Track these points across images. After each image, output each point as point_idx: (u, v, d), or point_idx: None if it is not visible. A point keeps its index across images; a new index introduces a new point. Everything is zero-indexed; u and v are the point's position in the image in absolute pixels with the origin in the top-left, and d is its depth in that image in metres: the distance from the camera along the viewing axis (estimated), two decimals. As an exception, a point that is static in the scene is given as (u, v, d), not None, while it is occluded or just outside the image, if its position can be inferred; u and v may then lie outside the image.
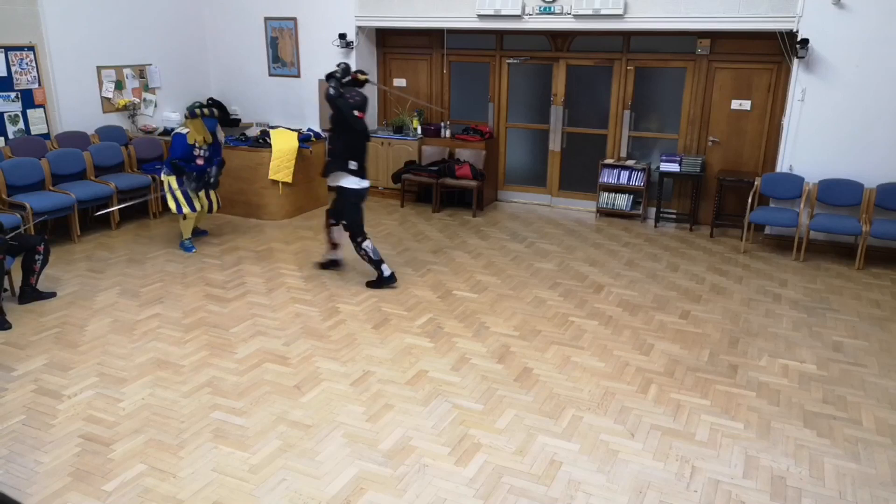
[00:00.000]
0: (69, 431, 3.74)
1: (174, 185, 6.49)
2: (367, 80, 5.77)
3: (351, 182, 5.58)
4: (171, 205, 6.59)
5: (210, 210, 6.89)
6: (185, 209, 6.55)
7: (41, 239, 5.45)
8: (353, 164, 5.54)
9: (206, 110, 6.42)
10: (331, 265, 6.18)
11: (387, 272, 5.76)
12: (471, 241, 7.23)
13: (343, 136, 5.57)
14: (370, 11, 8.39)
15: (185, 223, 6.74)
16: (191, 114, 6.41)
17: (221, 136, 6.74)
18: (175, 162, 6.40)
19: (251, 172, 7.85)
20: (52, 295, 5.55)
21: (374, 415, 3.93)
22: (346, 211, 5.68)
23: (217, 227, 7.62)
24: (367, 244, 5.69)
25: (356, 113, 5.53)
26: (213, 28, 9.33)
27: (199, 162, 6.51)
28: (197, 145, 6.43)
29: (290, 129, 8.18)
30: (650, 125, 8.09)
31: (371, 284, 5.81)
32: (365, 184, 5.67)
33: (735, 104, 7.48)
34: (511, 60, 8.49)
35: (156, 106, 8.75)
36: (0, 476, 3.37)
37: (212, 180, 6.58)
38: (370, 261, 5.73)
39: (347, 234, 5.75)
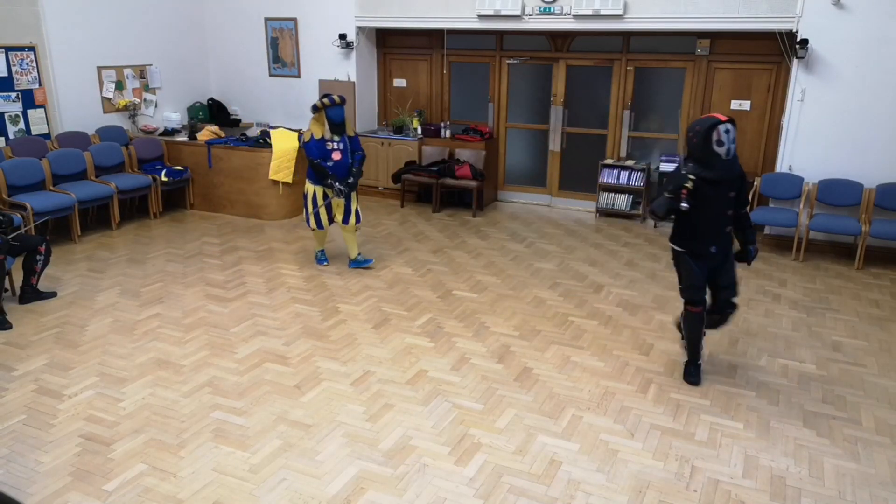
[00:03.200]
0: (69, 431, 3.75)
1: (310, 194, 6.02)
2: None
3: None
4: (304, 216, 6.23)
5: (346, 220, 6.11)
6: (313, 224, 6.11)
7: (42, 239, 5.46)
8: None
9: (325, 100, 5.80)
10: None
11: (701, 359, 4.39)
12: (471, 241, 7.23)
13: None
14: (370, 12, 8.39)
15: (318, 235, 6.31)
16: (313, 109, 5.89)
17: (352, 129, 6.11)
18: (316, 163, 5.85)
19: (251, 172, 7.86)
20: (53, 295, 5.56)
21: (374, 414, 3.93)
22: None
23: (217, 226, 7.63)
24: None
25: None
26: (213, 28, 9.34)
27: (336, 157, 5.89)
28: (326, 139, 5.87)
29: (290, 129, 8.18)
30: (650, 125, 8.10)
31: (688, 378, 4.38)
32: None
33: (735, 104, 7.49)
34: (511, 61, 8.49)
35: (156, 106, 8.75)
36: (0, 476, 3.37)
37: (351, 180, 5.96)
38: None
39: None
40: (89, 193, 7.02)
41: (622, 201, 8.08)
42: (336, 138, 5.90)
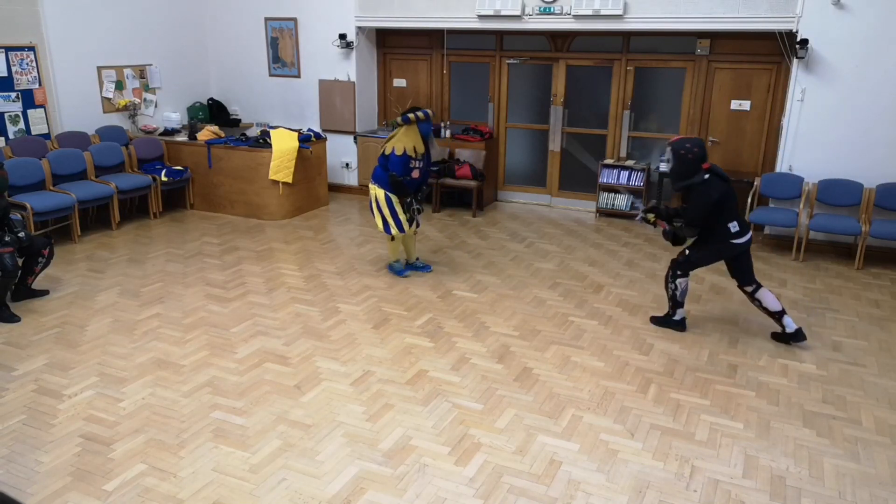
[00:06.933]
0: (69, 431, 3.75)
1: (382, 200, 5.77)
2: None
3: (733, 238, 4.71)
4: (378, 222, 5.88)
5: (410, 224, 5.98)
6: (394, 230, 5.83)
7: (48, 243, 5.49)
8: (734, 227, 4.69)
9: (420, 114, 5.63)
10: (794, 338, 4.81)
11: (678, 317, 5.07)
12: (471, 241, 7.23)
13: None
14: (370, 12, 8.39)
15: (393, 244, 6.05)
16: (404, 120, 5.64)
17: (434, 145, 5.87)
18: (400, 180, 5.63)
19: (251, 172, 7.86)
20: (45, 293, 5.56)
21: (374, 414, 3.93)
22: (703, 250, 4.84)
23: (217, 226, 7.63)
24: (682, 282, 4.91)
25: (703, 165, 4.65)
26: (213, 28, 9.34)
27: (415, 175, 5.73)
28: (411, 156, 5.66)
29: (290, 129, 8.19)
30: (650, 125, 8.10)
31: (657, 320, 5.18)
32: (746, 237, 4.74)
33: (735, 104, 7.49)
34: (511, 61, 8.49)
35: (156, 106, 8.75)
36: (0, 476, 3.37)
37: (421, 196, 5.90)
38: (672, 298, 5.00)
39: (676, 259, 4.93)
40: (89, 193, 7.02)
41: (622, 201, 8.08)
42: (420, 157, 5.73)
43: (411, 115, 5.64)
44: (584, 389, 4.25)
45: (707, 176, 4.64)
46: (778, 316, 4.81)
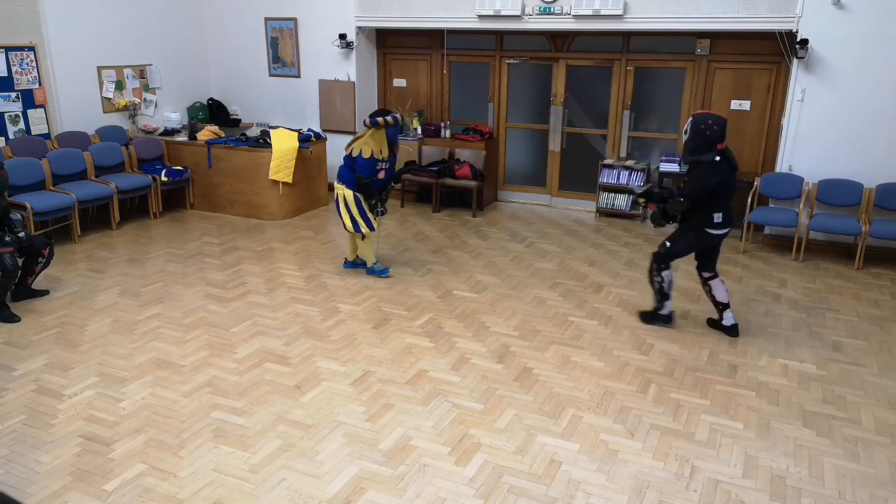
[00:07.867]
0: (69, 431, 3.75)
1: (350, 199, 5.79)
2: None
3: (713, 228, 4.71)
4: (347, 222, 5.87)
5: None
6: (364, 228, 5.84)
7: (48, 243, 5.49)
8: (717, 217, 4.66)
9: (389, 118, 5.67)
10: (728, 331, 5.00)
11: (665, 311, 5.09)
12: (471, 241, 7.23)
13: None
14: (370, 12, 8.39)
15: (365, 245, 6.00)
16: (373, 123, 5.68)
17: (397, 148, 5.96)
18: (366, 182, 5.71)
19: (251, 172, 7.86)
20: (46, 293, 5.56)
21: (374, 414, 3.93)
22: (682, 240, 4.82)
23: (217, 227, 7.63)
24: (667, 274, 4.93)
25: (718, 146, 4.60)
26: (213, 28, 9.34)
27: (381, 176, 5.84)
28: (378, 158, 5.74)
29: (290, 129, 8.18)
30: (650, 125, 8.10)
31: (645, 316, 5.22)
32: (725, 230, 4.74)
33: (735, 104, 7.49)
34: (511, 61, 8.49)
35: (156, 106, 8.75)
36: (0, 476, 3.37)
37: (385, 196, 5.98)
38: (660, 292, 5.01)
39: (658, 252, 4.94)
40: (89, 193, 7.02)
41: (622, 201, 8.08)
42: (387, 159, 5.82)
43: (380, 120, 5.68)
44: (584, 389, 4.25)
45: (717, 158, 4.60)
46: (722, 308, 4.98)
